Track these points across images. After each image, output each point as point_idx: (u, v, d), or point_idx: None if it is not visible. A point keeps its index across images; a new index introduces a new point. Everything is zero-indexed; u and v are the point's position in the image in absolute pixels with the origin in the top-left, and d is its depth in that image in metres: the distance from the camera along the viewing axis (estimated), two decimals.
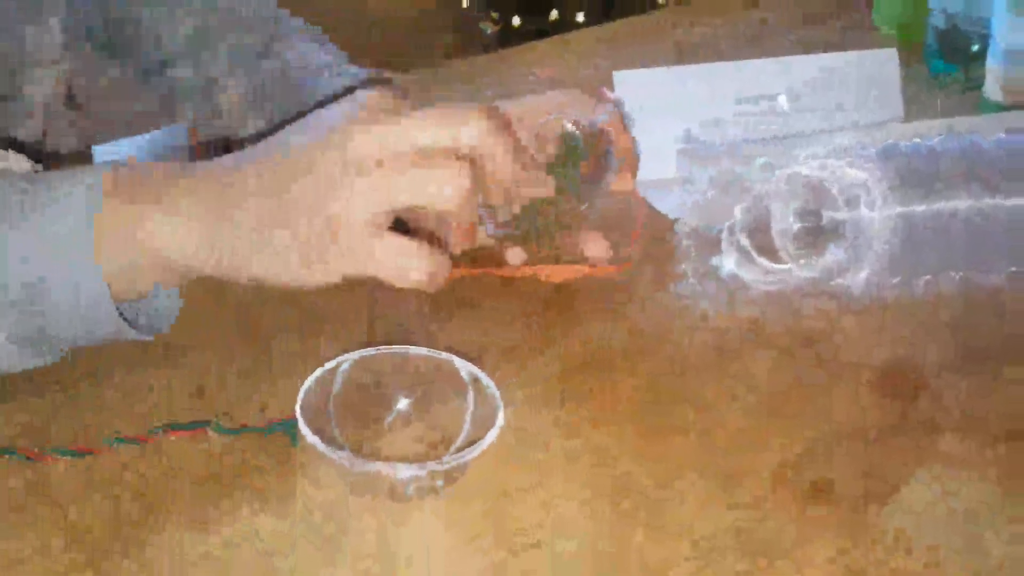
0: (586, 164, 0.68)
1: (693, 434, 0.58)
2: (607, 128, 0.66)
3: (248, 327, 0.67)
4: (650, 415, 0.60)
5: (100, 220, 0.54)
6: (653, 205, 0.80)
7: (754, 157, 0.68)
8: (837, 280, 0.67)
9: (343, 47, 0.89)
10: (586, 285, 0.71)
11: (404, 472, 0.51)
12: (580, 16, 2.59)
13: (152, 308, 0.59)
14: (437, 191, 0.54)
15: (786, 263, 0.67)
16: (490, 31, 2.64)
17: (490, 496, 0.53)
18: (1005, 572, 0.50)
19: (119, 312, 0.55)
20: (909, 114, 0.92)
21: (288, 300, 0.70)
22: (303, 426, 0.51)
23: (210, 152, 0.87)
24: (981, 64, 0.99)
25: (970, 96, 1.01)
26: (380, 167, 0.53)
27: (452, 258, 0.70)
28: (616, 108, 0.70)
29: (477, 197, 0.60)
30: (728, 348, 0.66)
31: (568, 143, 0.68)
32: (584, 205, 0.65)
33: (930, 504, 0.54)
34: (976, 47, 1.02)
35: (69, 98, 0.75)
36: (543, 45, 1.31)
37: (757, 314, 0.68)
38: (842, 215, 0.67)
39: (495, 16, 2.63)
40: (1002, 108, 0.96)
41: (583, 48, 1.28)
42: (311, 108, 0.78)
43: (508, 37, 2.55)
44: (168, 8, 0.87)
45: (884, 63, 0.91)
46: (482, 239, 0.71)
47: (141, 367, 0.63)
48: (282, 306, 0.69)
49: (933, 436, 0.58)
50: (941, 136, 0.71)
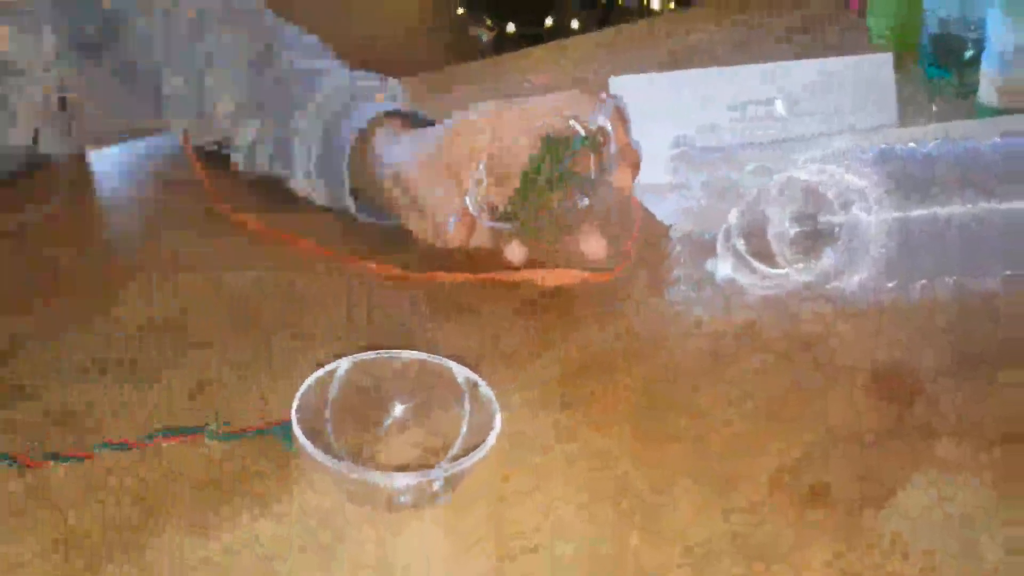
0: (580, 160, 0.68)
1: (689, 438, 0.58)
2: (606, 127, 0.66)
3: (246, 330, 0.67)
4: (647, 419, 0.60)
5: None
6: (649, 210, 0.80)
7: (749, 162, 0.68)
8: (833, 284, 0.67)
9: (339, 54, 0.89)
10: (583, 290, 0.71)
11: (401, 481, 0.51)
12: (575, 22, 2.59)
13: None
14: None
15: (782, 267, 0.67)
16: (485, 38, 2.64)
17: (487, 501, 0.53)
18: None
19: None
20: (904, 118, 0.92)
21: (288, 302, 0.70)
22: (298, 432, 0.51)
23: (204, 157, 0.87)
24: (976, 68, 0.99)
25: (965, 100, 1.01)
26: None
27: (450, 259, 0.70)
28: (615, 106, 0.69)
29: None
30: (724, 352, 0.66)
31: (553, 140, 0.68)
32: (585, 201, 0.65)
33: (926, 508, 0.54)
34: (971, 52, 1.02)
35: (61, 104, 0.75)
36: (538, 51, 1.31)
37: (753, 318, 0.69)
38: (838, 219, 0.67)
39: (490, 23, 2.64)
40: (997, 112, 0.96)
41: (578, 54, 1.28)
42: (309, 112, 0.79)
43: (503, 44, 2.55)
44: (162, 16, 0.87)
45: (879, 68, 0.92)
46: (479, 240, 0.71)
47: (138, 369, 0.63)
48: (280, 309, 0.69)
49: (929, 440, 0.58)
50: (936, 140, 0.71)
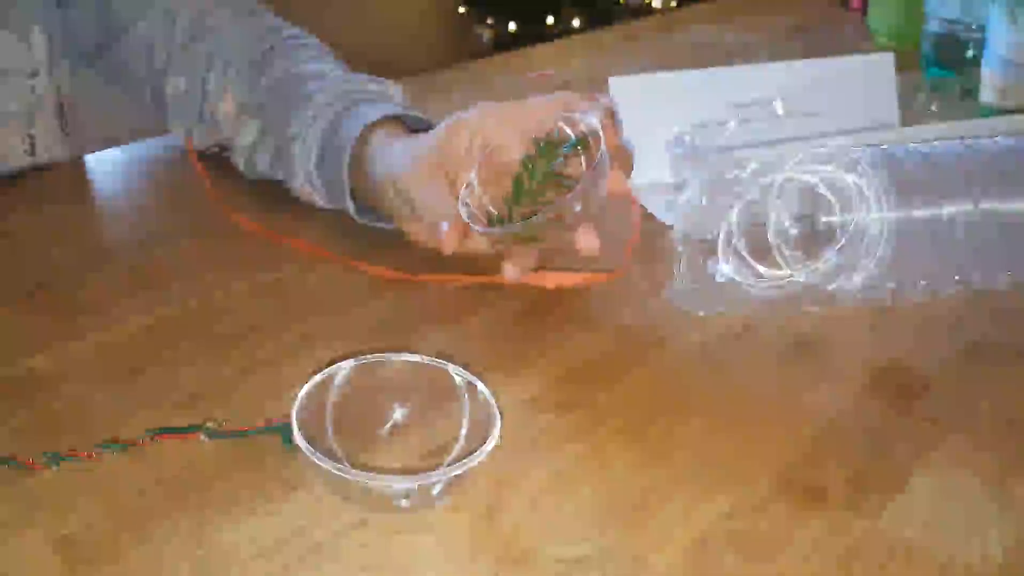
0: (571, 162, 0.68)
1: (689, 438, 0.58)
2: (596, 128, 0.66)
3: (245, 332, 0.67)
4: (646, 420, 0.60)
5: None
6: (649, 210, 0.80)
7: (750, 162, 0.68)
8: (833, 285, 0.67)
9: (341, 55, 0.89)
10: (582, 291, 0.71)
11: (399, 485, 0.51)
12: (576, 21, 2.60)
13: None
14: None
15: (782, 268, 0.67)
16: (487, 37, 2.65)
17: (486, 504, 0.53)
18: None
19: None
20: (905, 119, 0.92)
21: (287, 304, 0.70)
22: (298, 435, 0.51)
23: (205, 159, 0.87)
24: (976, 69, 0.99)
25: (966, 101, 1.01)
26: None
27: (448, 261, 0.70)
28: (607, 109, 0.69)
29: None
30: (724, 352, 0.66)
31: (543, 141, 0.68)
32: (577, 207, 0.65)
33: (928, 508, 0.53)
34: (971, 52, 1.02)
35: (58, 108, 0.75)
36: (539, 50, 1.31)
37: (753, 318, 0.69)
38: (838, 220, 0.67)
39: (492, 22, 2.64)
40: (998, 112, 0.96)
41: (579, 53, 1.29)
42: (309, 114, 0.79)
43: (505, 43, 2.55)
44: (163, 17, 0.87)
45: (880, 67, 0.91)
46: (474, 246, 0.71)
47: (137, 370, 0.63)
48: (280, 311, 0.69)
49: (931, 440, 0.58)
50: (937, 141, 0.71)
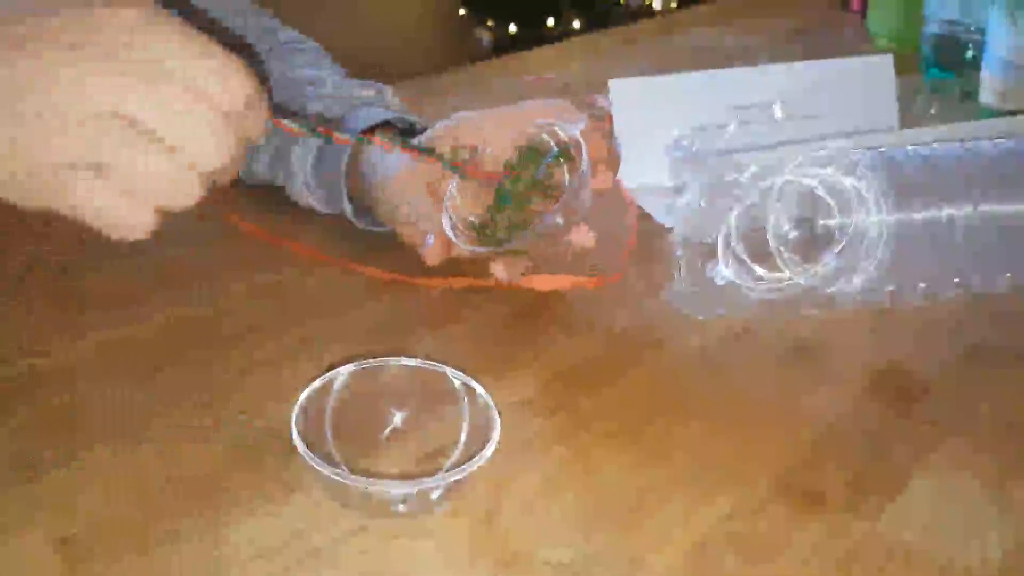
0: (554, 171, 0.68)
1: (689, 441, 0.58)
2: (579, 138, 0.65)
3: (244, 336, 0.67)
4: (644, 422, 0.59)
5: None
6: (647, 213, 0.80)
7: (749, 165, 0.68)
8: (833, 287, 0.67)
9: (339, 58, 0.89)
10: (581, 293, 0.71)
11: (399, 490, 0.51)
12: (576, 24, 2.59)
13: None
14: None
15: (782, 270, 0.67)
16: (486, 39, 2.65)
17: (485, 508, 0.53)
18: None
19: None
20: (904, 121, 0.92)
21: (286, 307, 0.70)
22: (298, 440, 0.51)
23: None
24: (976, 71, 0.99)
25: (965, 103, 1.01)
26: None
27: (445, 265, 0.70)
28: (592, 117, 0.69)
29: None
30: (724, 355, 0.66)
31: (526, 149, 0.68)
32: (559, 221, 0.65)
33: (927, 510, 0.53)
34: (971, 54, 1.03)
35: None
36: (539, 53, 1.31)
37: (752, 321, 0.68)
38: (837, 222, 0.67)
39: (492, 24, 2.64)
40: (997, 113, 0.96)
41: (579, 56, 1.29)
42: (308, 118, 0.79)
43: (504, 45, 2.55)
44: None
45: (879, 70, 0.92)
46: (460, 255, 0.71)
47: (137, 373, 0.63)
48: (279, 314, 0.69)
49: (930, 442, 0.58)
50: (936, 143, 0.71)
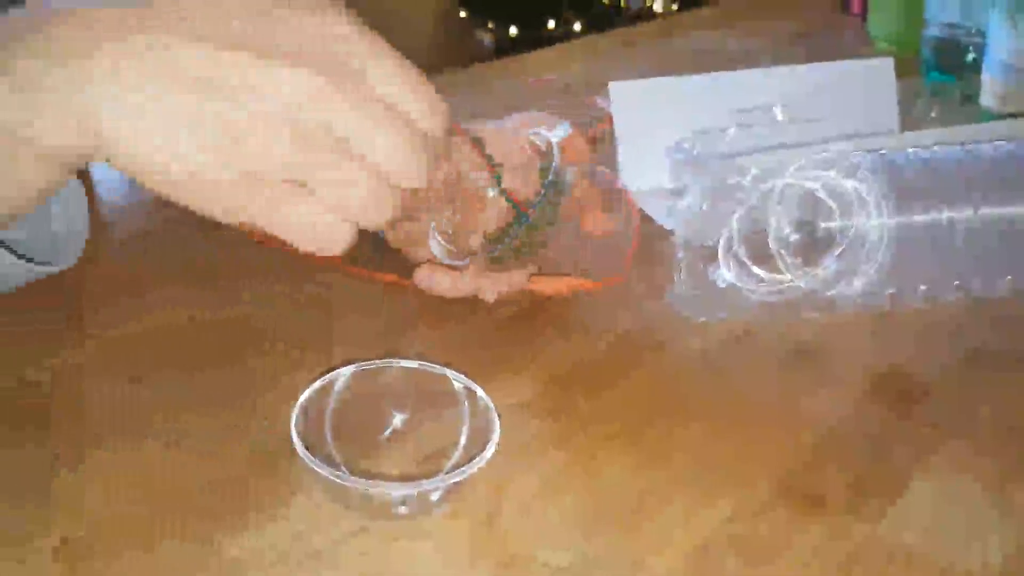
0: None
1: (689, 443, 0.58)
2: (554, 149, 0.65)
3: (244, 338, 0.67)
4: (644, 424, 0.59)
5: None
6: (648, 216, 0.80)
7: (750, 167, 0.68)
8: (834, 290, 0.67)
9: None
10: (580, 296, 0.71)
11: (399, 491, 0.51)
12: (577, 26, 2.60)
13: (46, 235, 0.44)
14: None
15: (783, 273, 0.67)
16: (487, 41, 2.65)
17: (485, 510, 0.53)
18: None
19: None
20: (905, 124, 0.92)
21: (286, 310, 0.70)
22: (297, 442, 0.51)
23: None
24: (977, 74, 0.99)
25: (966, 106, 1.01)
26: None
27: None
28: (577, 125, 0.69)
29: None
30: (724, 358, 0.66)
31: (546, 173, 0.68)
32: (538, 228, 0.65)
33: (928, 513, 0.53)
34: (972, 57, 1.03)
35: None
36: (540, 55, 1.31)
37: (753, 324, 0.68)
38: (838, 225, 0.67)
39: (492, 26, 2.64)
40: (998, 116, 0.96)
41: (579, 58, 1.29)
42: None
43: (505, 47, 2.55)
44: None
45: (880, 73, 0.91)
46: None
47: (135, 375, 0.63)
48: (279, 317, 0.69)
49: (931, 445, 0.58)
50: (937, 146, 0.71)
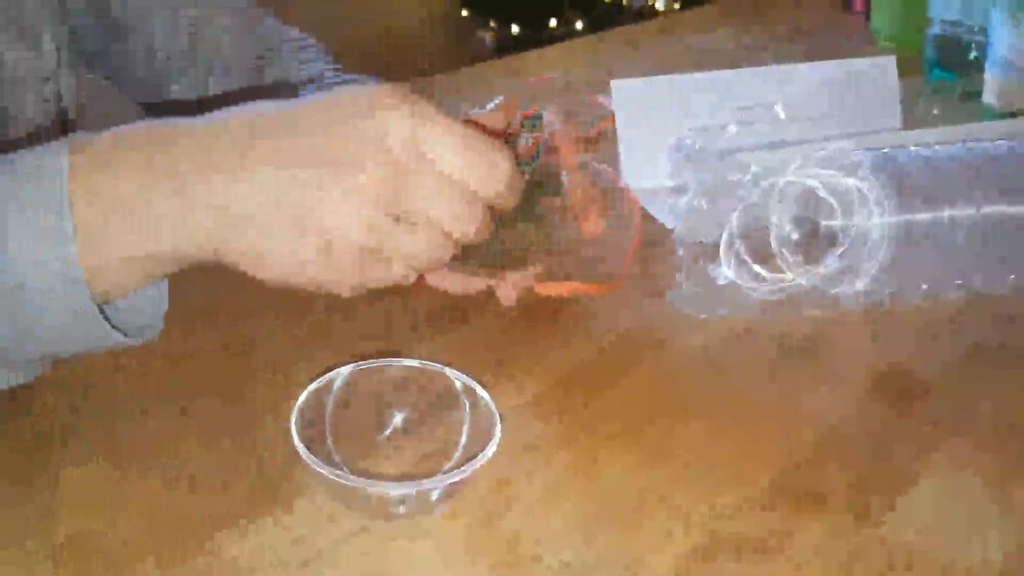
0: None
1: (690, 441, 0.58)
2: (539, 141, 0.65)
3: (243, 338, 0.67)
4: (645, 422, 0.59)
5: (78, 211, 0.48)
6: (650, 214, 0.79)
7: (751, 165, 0.68)
8: (835, 288, 0.67)
9: (341, 58, 0.89)
10: (581, 295, 0.71)
11: (398, 491, 0.51)
12: (579, 24, 2.60)
13: (134, 308, 0.55)
14: (453, 224, 0.53)
15: (783, 271, 0.67)
16: (489, 40, 2.65)
17: (485, 509, 0.53)
18: None
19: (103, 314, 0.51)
20: (907, 122, 0.92)
21: (282, 311, 0.70)
22: (297, 441, 0.51)
23: None
24: (979, 72, 0.99)
25: (968, 104, 1.01)
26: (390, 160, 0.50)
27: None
28: (572, 120, 0.69)
29: None
30: (726, 355, 0.66)
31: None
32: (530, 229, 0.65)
33: (929, 511, 0.53)
34: (974, 55, 1.02)
35: (61, 115, 0.74)
36: (541, 54, 1.31)
37: (754, 322, 0.68)
38: (840, 223, 0.67)
39: (494, 25, 2.64)
40: (1000, 115, 0.96)
41: (581, 56, 1.28)
42: None
43: (507, 46, 2.56)
44: (162, 24, 0.87)
45: (882, 71, 0.91)
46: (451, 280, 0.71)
47: (131, 374, 0.63)
48: (278, 316, 0.69)
49: (932, 443, 0.58)
50: (938, 144, 0.71)
